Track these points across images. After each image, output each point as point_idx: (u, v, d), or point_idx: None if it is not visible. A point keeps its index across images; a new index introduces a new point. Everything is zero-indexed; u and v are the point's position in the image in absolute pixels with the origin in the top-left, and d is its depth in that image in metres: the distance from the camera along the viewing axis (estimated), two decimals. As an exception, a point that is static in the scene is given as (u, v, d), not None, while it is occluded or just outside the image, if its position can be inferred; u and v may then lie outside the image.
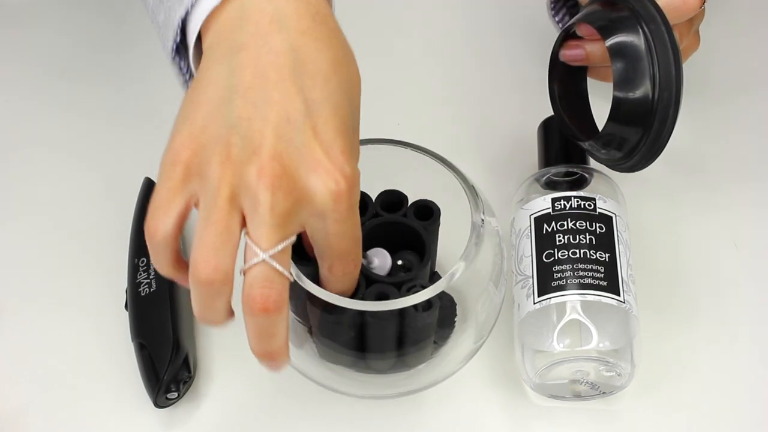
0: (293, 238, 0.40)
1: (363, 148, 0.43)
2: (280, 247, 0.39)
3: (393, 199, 0.51)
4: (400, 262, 0.50)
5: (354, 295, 0.46)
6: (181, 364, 0.53)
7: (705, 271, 0.60)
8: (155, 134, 0.67)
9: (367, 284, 0.47)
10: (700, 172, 0.64)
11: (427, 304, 0.45)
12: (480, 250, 0.47)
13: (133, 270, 0.57)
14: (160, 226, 0.40)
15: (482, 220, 0.48)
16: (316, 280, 0.45)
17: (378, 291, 0.46)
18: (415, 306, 0.45)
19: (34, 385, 0.56)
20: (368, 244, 0.47)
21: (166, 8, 0.44)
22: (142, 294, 0.55)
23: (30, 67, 0.72)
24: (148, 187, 0.61)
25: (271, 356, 0.42)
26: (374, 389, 0.52)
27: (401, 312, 0.45)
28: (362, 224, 0.43)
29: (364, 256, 0.48)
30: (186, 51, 0.44)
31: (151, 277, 0.56)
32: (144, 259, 0.57)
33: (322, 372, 0.51)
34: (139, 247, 0.58)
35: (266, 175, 0.38)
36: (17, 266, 0.61)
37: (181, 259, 0.42)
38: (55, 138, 0.68)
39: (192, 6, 0.42)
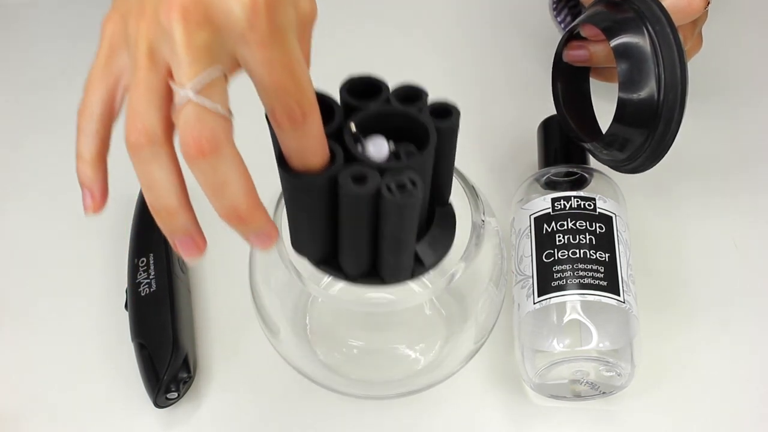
0: (219, 70, 0.36)
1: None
2: (202, 79, 0.36)
3: (411, 93, 0.44)
4: (394, 149, 0.42)
5: (325, 171, 0.40)
6: (181, 364, 0.53)
7: (705, 271, 0.60)
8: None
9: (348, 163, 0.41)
10: (700, 172, 0.64)
11: (401, 187, 0.40)
12: (480, 251, 0.47)
13: (133, 270, 0.57)
14: (86, 104, 0.39)
15: (482, 220, 0.48)
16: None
17: (356, 171, 0.40)
18: (388, 186, 0.40)
19: (33, 385, 0.56)
20: (370, 131, 0.42)
21: None
22: (142, 294, 0.55)
23: (30, 67, 0.72)
24: (148, 187, 0.61)
25: (239, 218, 0.38)
26: (374, 390, 0.52)
27: (377, 193, 0.40)
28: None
29: (358, 140, 0.42)
30: None
31: (151, 277, 0.56)
32: (144, 259, 0.57)
33: (322, 372, 0.52)
34: (139, 247, 0.58)
35: (174, 8, 0.35)
36: (17, 266, 0.61)
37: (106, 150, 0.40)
38: (55, 138, 0.67)
39: None
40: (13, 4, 0.76)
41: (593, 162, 0.59)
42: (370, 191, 0.40)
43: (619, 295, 0.51)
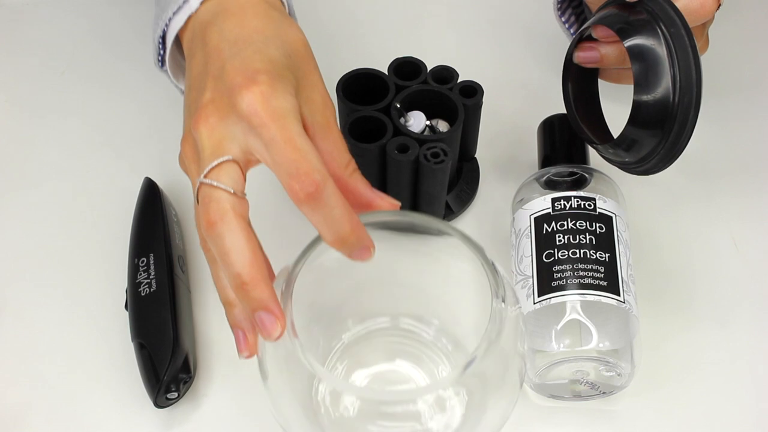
0: (228, 158, 0.43)
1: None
2: (210, 165, 0.42)
3: (445, 73, 0.59)
4: (429, 123, 0.57)
5: (377, 140, 0.54)
6: (181, 364, 0.53)
7: (705, 271, 0.60)
8: (155, 134, 0.67)
9: (395, 136, 0.55)
10: (700, 172, 0.64)
11: (435, 155, 0.54)
12: (500, 339, 0.43)
13: (133, 270, 0.57)
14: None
15: (502, 305, 0.44)
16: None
17: (400, 142, 0.54)
18: (425, 156, 0.54)
19: (34, 385, 0.56)
20: (413, 105, 0.57)
21: (153, 29, 0.53)
22: (142, 294, 0.55)
23: (30, 67, 0.72)
24: (148, 187, 0.61)
25: (240, 286, 0.42)
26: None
27: (416, 160, 0.54)
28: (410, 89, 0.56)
29: (402, 115, 0.57)
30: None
31: (151, 277, 0.56)
32: (144, 259, 0.57)
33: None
34: (139, 247, 0.58)
35: (198, 120, 0.43)
36: (17, 266, 0.61)
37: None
38: (55, 138, 0.68)
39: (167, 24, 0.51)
40: (13, 4, 0.76)
41: (593, 162, 0.59)
42: (410, 158, 0.54)
43: (619, 295, 0.51)
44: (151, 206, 0.60)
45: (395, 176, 0.56)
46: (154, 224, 0.59)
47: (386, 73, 0.58)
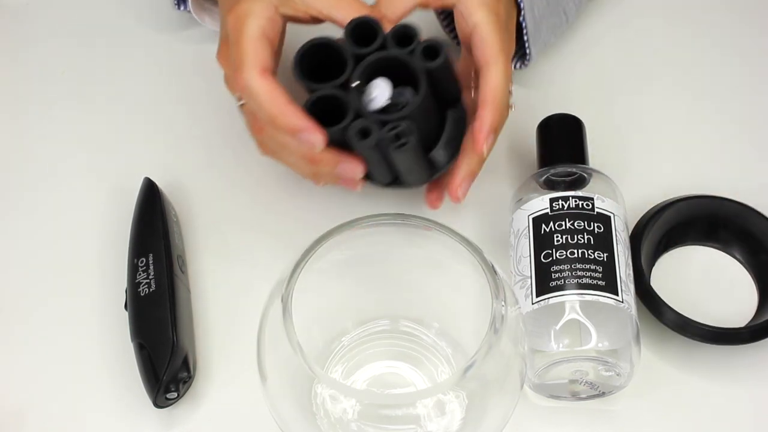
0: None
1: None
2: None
3: (405, 34, 0.52)
4: (390, 96, 0.52)
5: (338, 123, 0.51)
6: (180, 364, 0.53)
7: (704, 270, 0.60)
8: (155, 135, 0.67)
9: (356, 118, 0.51)
10: (701, 171, 0.64)
11: (398, 136, 0.50)
12: (500, 341, 0.43)
13: (133, 270, 0.57)
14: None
15: (503, 310, 0.44)
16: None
17: (360, 126, 0.50)
18: (390, 139, 0.50)
19: (33, 385, 0.56)
20: (376, 74, 0.52)
21: None
22: (142, 294, 0.55)
23: (30, 67, 0.72)
24: (148, 187, 0.61)
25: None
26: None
27: (378, 144, 0.50)
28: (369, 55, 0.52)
29: (363, 92, 0.52)
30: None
31: (150, 277, 0.56)
32: (144, 259, 0.57)
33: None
34: (138, 247, 0.58)
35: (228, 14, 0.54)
36: (17, 266, 0.61)
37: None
38: (55, 138, 0.68)
39: None
40: (13, 4, 0.76)
41: (592, 162, 0.59)
42: (372, 143, 0.50)
43: (617, 294, 0.51)
44: (151, 206, 0.60)
45: (366, 158, 0.53)
46: (153, 224, 0.59)
47: (343, 39, 0.53)
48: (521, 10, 0.61)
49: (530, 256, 0.53)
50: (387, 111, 0.52)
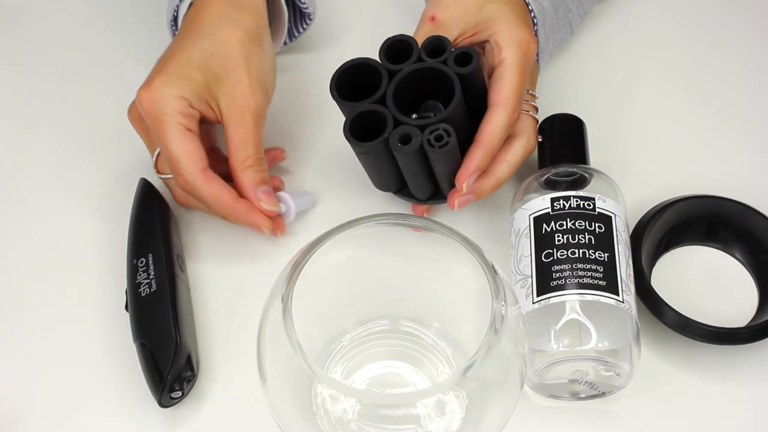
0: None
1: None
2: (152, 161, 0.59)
3: (437, 45, 0.55)
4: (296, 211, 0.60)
5: (380, 135, 0.53)
6: (184, 363, 0.53)
7: (704, 269, 0.60)
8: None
9: (396, 125, 0.53)
10: (701, 171, 0.64)
11: (439, 138, 0.52)
12: (500, 341, 0.43)
13: (133, 271, 0.56)
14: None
15: (503, 310, 0.44)
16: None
17: (401, 133, 0.53)
18: (429, 141, 0.52)
19: (36, 386, 0.56)
20: (410, 88, 0.55)
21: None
22: (143, 294, 0.55)
23: (30, 67, 0.72)
24: (145, 188, 0.61)
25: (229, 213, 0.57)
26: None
27: (422, 146, 0.53)
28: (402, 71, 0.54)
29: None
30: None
31: (151, 277, 0.56)
32: (143, 259, 0.57)
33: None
34: (137, 248, 0.58)
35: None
36: (16, 268, 0.61)
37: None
38: (54, 138, 0.68)
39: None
40: (13, 4, 0.76)
41: (593, 162, 0.59)
42: (414, 147, 0.52)
43: (618, 294, 0.51)
44: (148, 207, 0.60)
45: (407, 166, 0.55)
46: (151, 225, 0.59)
47: (378, 60, 0.55)
48: (534, 25, 0.61)
49: (531, 255, 0.53)
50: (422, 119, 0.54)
